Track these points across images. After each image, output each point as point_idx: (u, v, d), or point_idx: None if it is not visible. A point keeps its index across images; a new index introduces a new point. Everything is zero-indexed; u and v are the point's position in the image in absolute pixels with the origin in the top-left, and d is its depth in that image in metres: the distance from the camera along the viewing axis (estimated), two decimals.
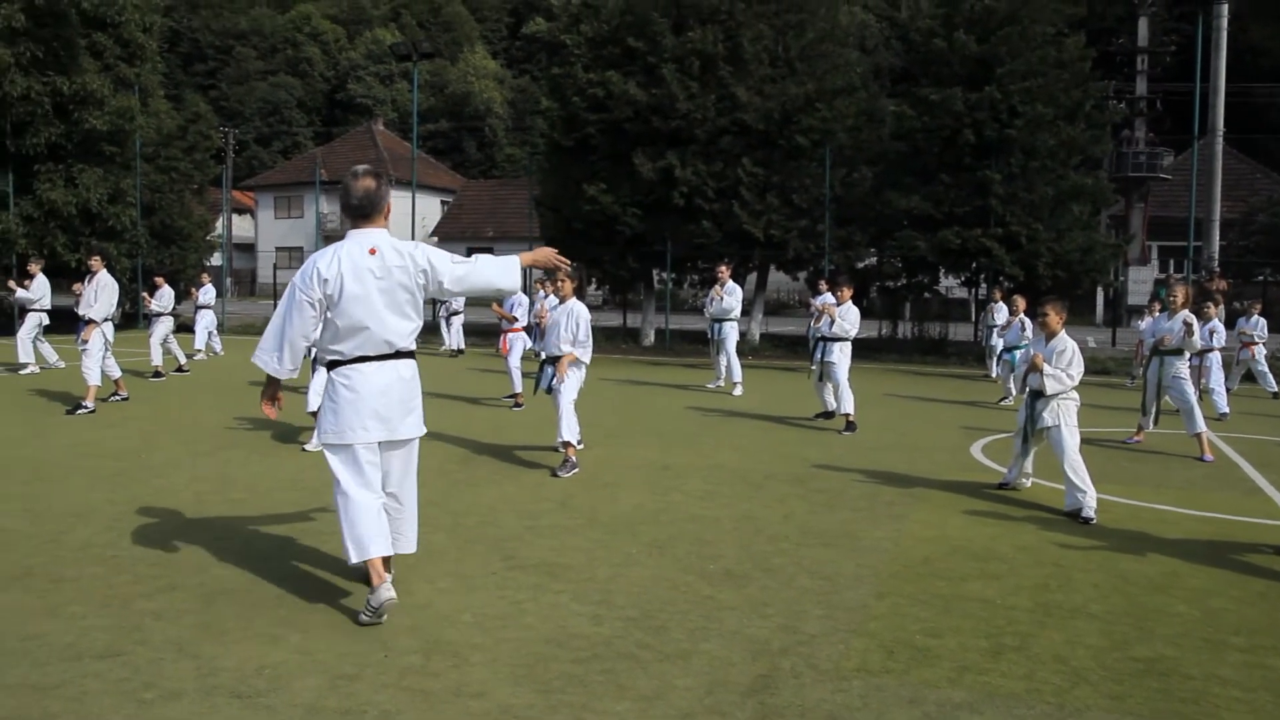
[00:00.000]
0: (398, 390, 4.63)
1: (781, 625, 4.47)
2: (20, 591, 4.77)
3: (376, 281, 4.53)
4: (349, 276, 4.51)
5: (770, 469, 8.24)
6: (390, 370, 4.62)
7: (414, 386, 4.75)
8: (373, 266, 4.54)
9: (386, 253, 4.58)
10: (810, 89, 20.67)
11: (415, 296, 4.65)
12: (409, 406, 4.69)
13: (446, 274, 4.66)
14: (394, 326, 4.59)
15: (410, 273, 4.59)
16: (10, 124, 22.18)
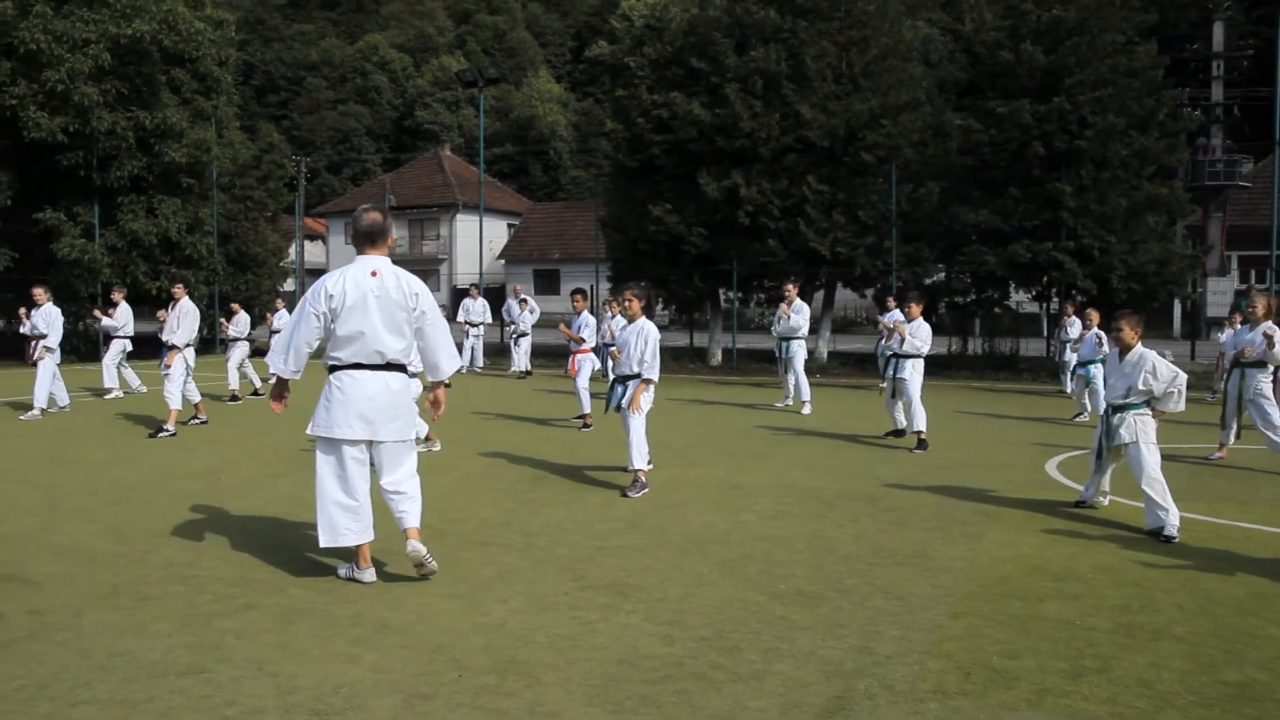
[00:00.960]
0: (385, 398, 5.31)
1: (855, 646, 4.43)
2: (108, 609, 4.91)
3: (375, 299, 5.26)
4: (351, 293, 5.24)
5: (841, 488, 8.17)
6: (379, 379, 5.31)
7: (402, 397, 5.39)
8: (372, 286, 5.27)
9: (386, 276, 5.33)
10: (875, 105, 20.55)
11: (408, 316, 5.35)
12: (394, 414, 5.34)
13: (426, 312, 5.40)
14: (386, 340, 5.30)
15: (405, 294, 5.32)
16: (97, 158, 22.99)
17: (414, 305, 5.35)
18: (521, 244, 53.95)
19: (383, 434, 5.31)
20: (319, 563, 5.77)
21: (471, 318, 21.04)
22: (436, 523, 6.79)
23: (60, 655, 4.28)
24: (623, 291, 8.26)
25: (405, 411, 5.40)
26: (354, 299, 5.23)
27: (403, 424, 5.38)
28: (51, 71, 21.44)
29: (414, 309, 5.35)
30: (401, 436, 5.39)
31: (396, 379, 5.36)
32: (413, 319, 5.36)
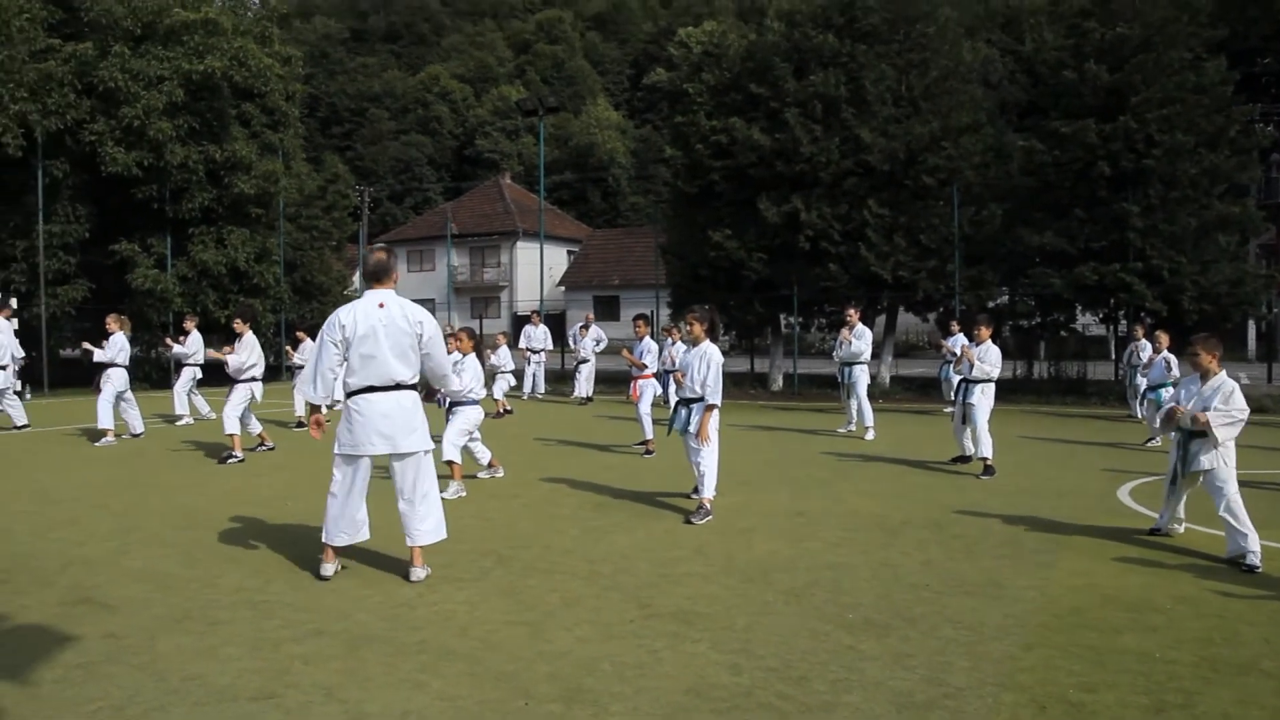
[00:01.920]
0: (399, 414, 5.93)
1: (926, 677, 4.35)
2: (181, 633, 5.00)
3: (383, 329, 5.89)
4: (361, 324, 5.90)
5: (907, 515, 8.06)
6: (392, 398, 5.93)
7: (414, 412, 6.00)
8: (380, 318, 5.91)
9: (392, 308, 5.95)
10: (935, 127, 20.39)
11: (413, 342, 5.97)
12: (411, 426, 5.96)
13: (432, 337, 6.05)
14: (394, 366, 5.93)
15: (409, 323, 5.94)
16: (169, 191, 23.63)
17: (419, 332, 5.98)
18: (581, 270, 54.25)
19: (402, 445, 5.94)
20: (385, 589, 5.82)
21: (533, 344, 21.17)
22: (501, 549, 6.82)
23: (136, 678, 4.36)
24: (685, 315, 8.24)
25: (421, 424, 6.01)
26: (364, 330, 5.88)
27: (420, 436, 5.99)
28: (128, 108, 22.12)
29: (420, 335, 5.98)
30: (420, 447, 6.00)
31: (408, 396, 5.98)
32: (419, 344, 6.00)
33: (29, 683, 4.32)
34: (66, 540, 7.21)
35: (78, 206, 23.13)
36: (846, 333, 13.68)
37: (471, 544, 6.99)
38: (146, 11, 23.69)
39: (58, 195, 22.77)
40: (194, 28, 23.66)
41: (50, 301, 22.04)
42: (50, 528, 7.70)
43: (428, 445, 6.07)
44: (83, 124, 22.24)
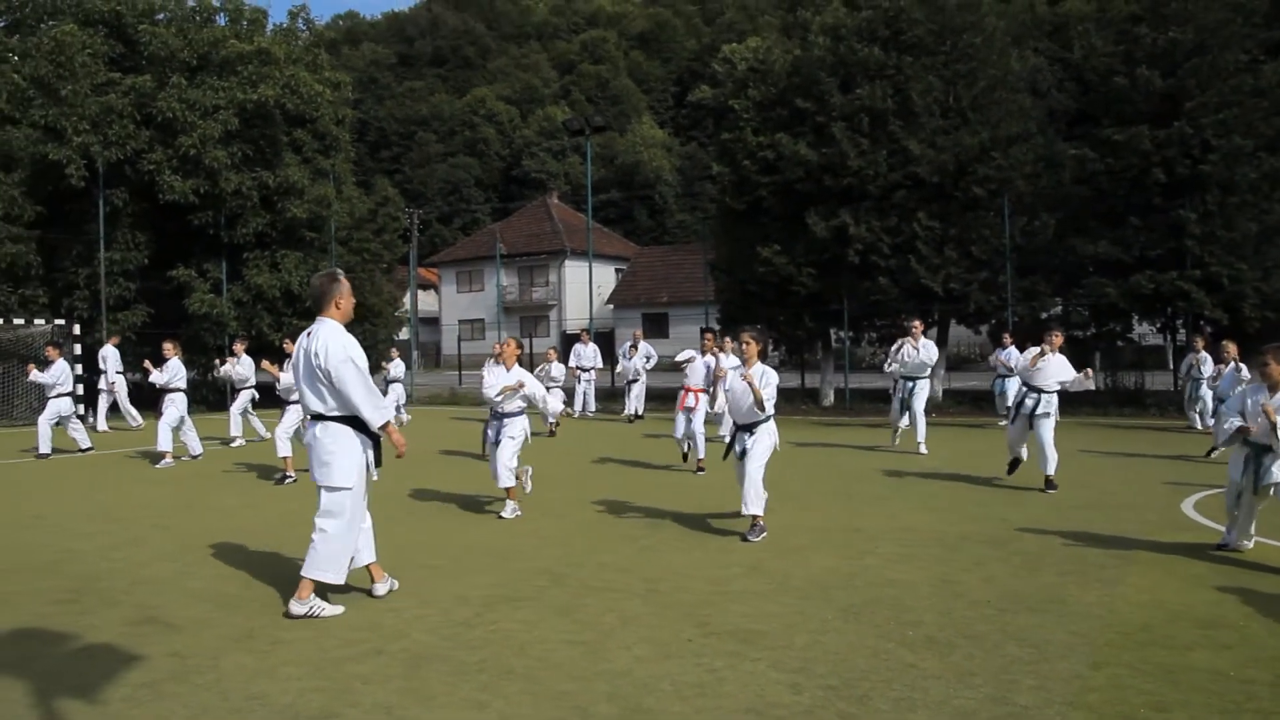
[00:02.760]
0: (315, 445, 5.85)
1: (991, 696, 4.27)
2: (243, 652, 5.06)
3: (303, 357, 5.82)
4: (295, 351, 5.95)
5: (965, 530, 7.95)
6: (312, 429, 5.87)
7: (326, 444, 5.80)
8: (306, 345, 5.82)
9: (313, 337, 5.79)
10: (984, 138, 20.19)
11: (320, 374, 5.73)
12: (321, 460, 5.81)
13: (331, 371, 5.69)
14: (308, 395, 5.83)
15: (313, 354, 5.74)
16: (224, 217, 24.08)
17: (319, 363, 5.70)
18: (629, 288, 54.37)
19: (316, 477, 5.87)
20: (443, 608, 5.84)
21: (583, 363, 21.22)
22: (556, 568, 6.82)
23: (201, 697, 4.42)
24: (740, 334, 8.16)
25: (336, 459, 5.79)
26: (295, 357, 5.95)
27: (330, 470, 5.79)
28: (184, 137, 22.59)
29: (319, 366, 5.71)
30: (325, 481, 5.82)
31: (325, 428, 5.81)
32: (324, 377, 5.73)
33: (98, 701, 4.39)
34: (131, 560, 7.33)
35: (137, 234, 23.64)
36: (912, 344, 13.45)
37: (527, 563, 7.00)
38: (202, 43, 24.25)
39: (118, 223, 23.31)
40: (248, 58, 24.17)
41: (111, 327, 22.50)
42: (115, 548, 7.84)
43: (339, 482, 5.80)
44: (141, 154, 22.75)
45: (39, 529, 8.80)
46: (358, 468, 5.83)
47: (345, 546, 5.84)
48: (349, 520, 5.83)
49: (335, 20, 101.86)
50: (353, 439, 5.82)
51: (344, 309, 5.95)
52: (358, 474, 5.83)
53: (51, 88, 22.26)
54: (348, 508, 5.81)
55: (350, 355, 5.72)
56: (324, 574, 5.77)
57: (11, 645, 5.25)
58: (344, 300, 5.94)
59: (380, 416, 5.79)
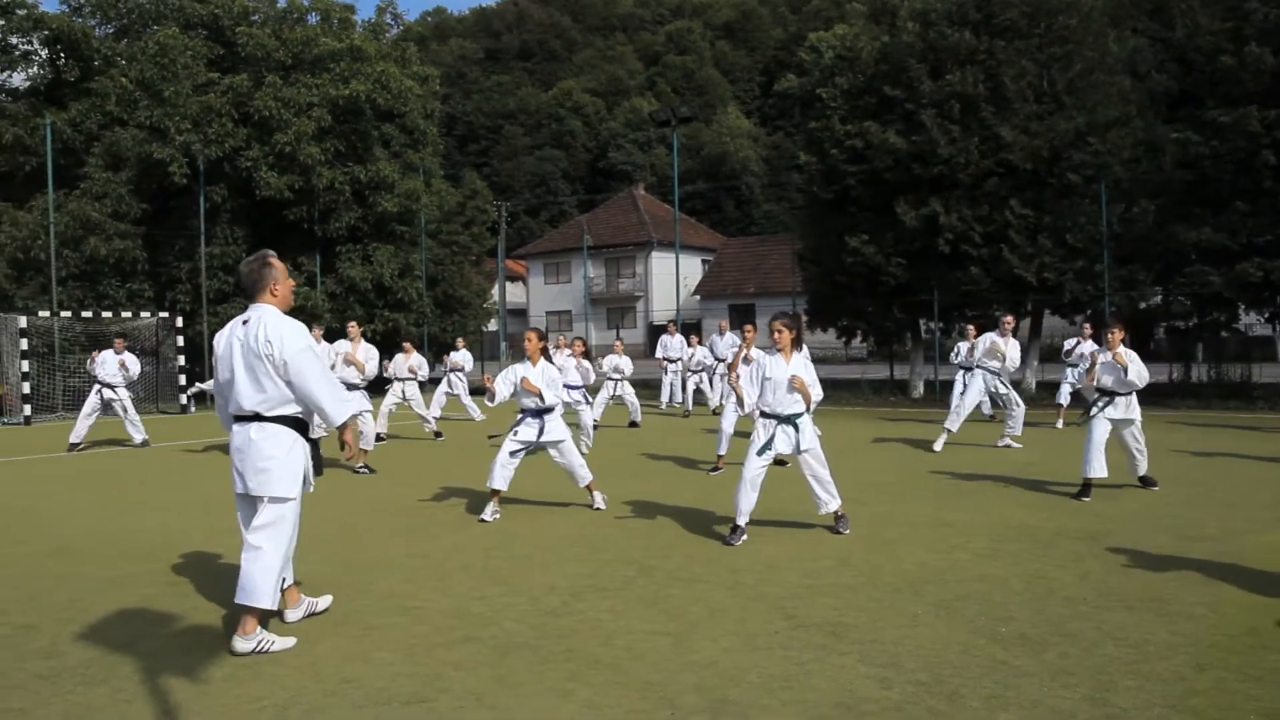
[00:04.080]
0: (248, 449, 5.07)
1: (1087, 696, 4.15)
2: (337, 637, 5.17)
3: (239, 348, 5.06)
4: (223, 342, 5.19)
5: (1059, 525, 7.75)
6: (243, 431, 5.10)
7: (263, 448, 5.05)
8: (240, 335, 5.08)
9: (252, 324, 5.06)
10: (1080, 123, 19.64)
11: (267, 366, 5.00)
12: (257, 466, 5.05)
13: (289, 361, 4.98)
14: (242, 390, 5.05)
15: (259, 342, 4.99)
16: (318, 211, 24.68)
17: (269, 353, 4.99)
18: (716, 279, 54.25)
19: (251, 487, 5.09)
20: (532, 596, 5.89)
21: (670, 354, 21.20)
22: (643, 559, 6.84)
23: (297, 679, 4.53)
24: (772, 322, 7.67)
25: (274, 464, 5.06)
26: (223, 349, 5.16)
27: (268, 478, 5.06)
28: (280, 134, 23.22)
29: (269, 355, 4.99)
30: (264, 491, 5.06)
31: (261, 429, 5.06)
32: (275, 370, 5.02)
33: (201, 680, 4.54)
34: (230, 546, 7.53)
35: (235, 229, 24.38)
36: (1000, 341, 12.93)
37: (614, 553, 7.04)
38: (296, 42, 24.89)
39: (217, 219, 24.05)
40: (339, 55, 24.74)
41: (211, 320, 23.23)
42: (215, 534, 8.09)
43: (281, 491, 5.08)
44: (239, 151, 23.44)
45: (142, 515, 9.13)
46: (298, 475, 5.16)
47: (278, 567, 5.08)
48: (288, 536, 5.14)
49: (423, 16, 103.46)
50: (294, 442, 5.14)
51: (281, 295, 5.24)
52: (299, 482, 5.18)
53: (156, 89, 23.07)
54: (288, 521, 5.13)
55: (309, 344, 5.09)
56: (258, 599, 4.97)
57: (120, 625, 5.46)
58: (280, 285, 5.24)
59: (344, 411, 5.17)
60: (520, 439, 8.62)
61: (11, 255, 22.13)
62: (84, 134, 23.89)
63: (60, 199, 22.56)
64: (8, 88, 26.35)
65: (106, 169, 23.15)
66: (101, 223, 22.31)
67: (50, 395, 21.20)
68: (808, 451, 7.50)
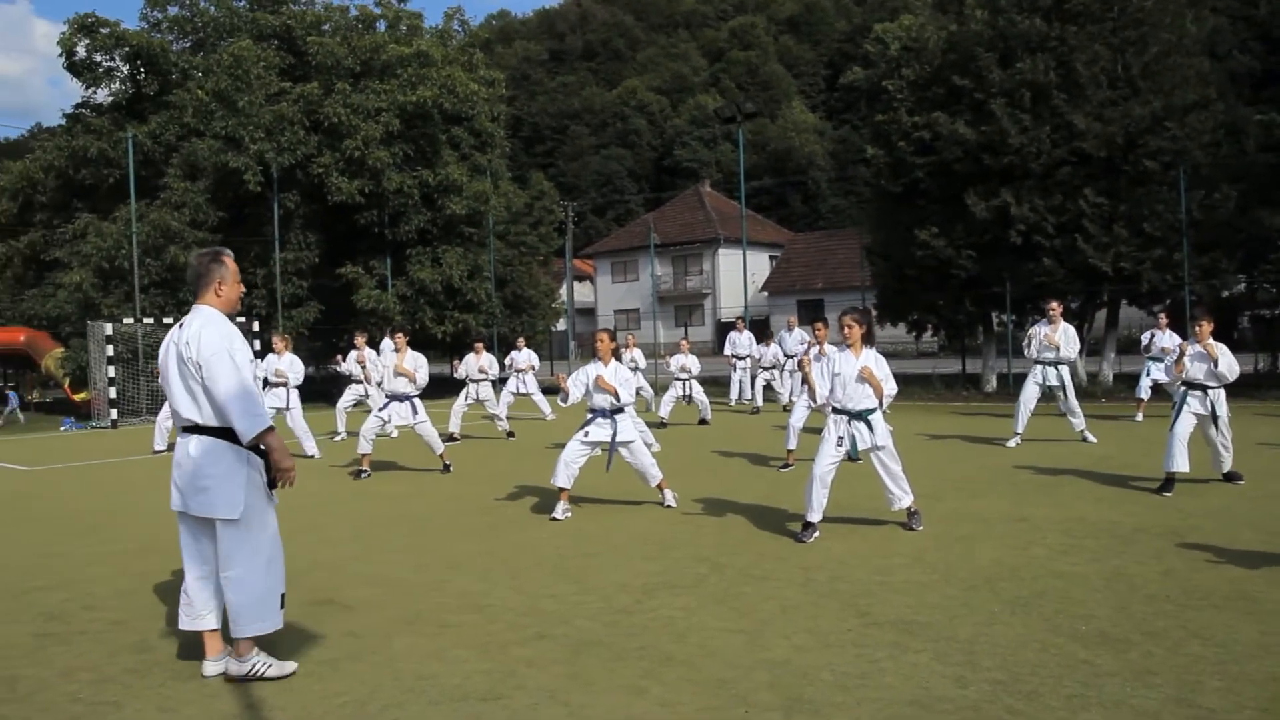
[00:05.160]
0: (187, 465, 4.62)
1: (1173, 697, 4.06)
2: (413, 634, 5.26)
3: (174, 353, 4.66)
4: (164, 348, 4.78)
5: (1140, 521, 7.57)
6: (183, 445, 4.67)
7: (202, 465, 4.57)
8: (176, 338, 4.70)
9: (187, 326, 4.67)
10: (1157, 107, 19.11)
11: (192, 371, 4.57)
12: (197, 485, 4.58)
13: (203, 365, 4.51)
14: (177, 400, 4.66)
15: (184, 344, 4.60)
16: (388, 215, 25.07)
17: (189, 355, 4.55)
18: (784, 275, 53.93)
19: (190, 506, 4.62)
20: (604, 595, 5.92)
21: (738, 351, 21.12)
22: (714, 556, 6.84)
23: (375, 675, 4.62)
24: (842, 317, 7.62)
25: (216, 483, 4.55)
26: (163, 355, 4.77)
27: (210, 498, 4.55)
28: (350, 140, 23.61)
29: (190, 359, 4.56)
30: (206, 512, 4.58)
31: (197, 444, 4.59)
32: (194, 373, 4.57)
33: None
34: (308, 544, 7.72)
35: (308, 234, 24.85)
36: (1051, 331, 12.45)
37: (685, 551, 7.05)
38: (364, 49, 25.30)
39: (290, 225, 24.54)
40: (407, 61, 25.09)
41: (286, 323, 23.71)
42: (292, 533, 8.22)
43: (224, 512, 4.56)
44: (311, 158, 23.89)
45: None
46: (245, 490, 4.58)
47: (268, 587, 4.64)
48: (265, 556, 4.64)
49: (488, 20, 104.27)
50: (235, 457, 4.58)
51: (226, 296, 4.79)
52: (246, 498, 4.59)
53: (230, 100, 23.60)
54: (254, 539, 4.60)
55: (228, 347, 4.55)
56: (254, 628, 4.61)
57: None
58: (227, 286, 4.78)
59: (254, 426, 4.48)
60: (591, 439, 8.66)
61: (97, 265, 22.82)
62: (163, 146, 24.54)
63: (142, 209, 23.21)
64: (92, 103, 27.20)
65: (184, 179, 23.75)
66: (181, 231, 22.90)
67: (135, 399, 21.84)
68: (880, 448, 7.43)
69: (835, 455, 7.38)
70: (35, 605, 5.97)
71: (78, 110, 27.25)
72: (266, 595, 4.63)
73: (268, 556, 4.64)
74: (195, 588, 4.71)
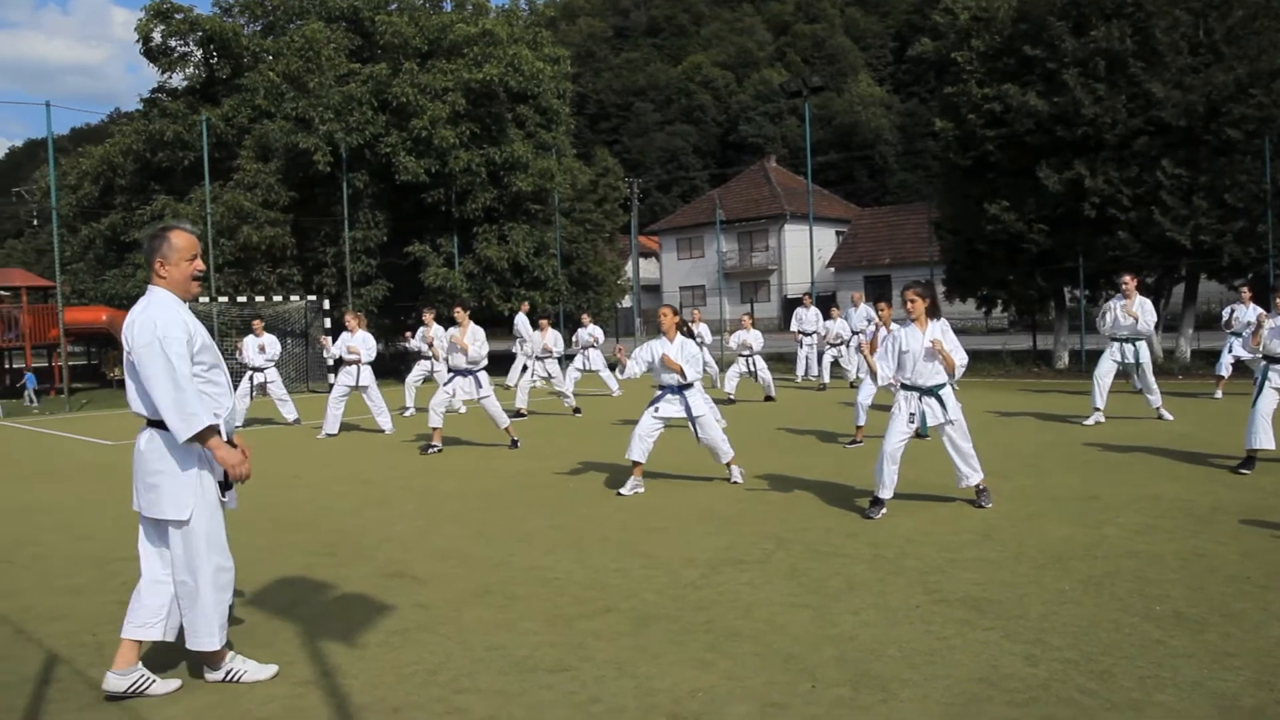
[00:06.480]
0: (138, 460, 4.25)
1: (1253, 680, 3.96)
2: (483, 606, 5.34)
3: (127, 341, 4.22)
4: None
5: (1218, 500, 7.39)
6: (138, 439, 4.28)
7: (150, 462, 4.20)
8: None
9: (133, 310, 4.25)
10: (1241, 74, 18.46)
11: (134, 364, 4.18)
12: (146, 483, 4.21)
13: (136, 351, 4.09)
14: (129, 388, 4.29)
15: (126, 336, 4.18)
16: (455, 194, 25.28)
17: (128, 345, 4.15)
18: (851, 251, 53.37)
19: (142, 506, 4.27)
20: (670, 569, 5.95)
21: (805, 327, 20.98)
22: (781, 532, 6.83)
23: (445, 646, 4.70)
24: (904, 290, 7.45)
25: (164, 481, 4.18)
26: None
27: (158, 497, 4.18)
28: (416, 120, 23.83)
29: (128, 350, 4.16)
30: (155, 514, 4.21)
31: (147, 438, 4.22)
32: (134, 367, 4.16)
33: (357, 645, 4.76)
34: (379, 519, 7.88)
35: (376, 213, 25.18)
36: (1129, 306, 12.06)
37: (752, 526, 7.05)
38: (431, 29, 25.49)
39: (359, 204, 24.88)
40: (473, 40, 25.22)
41: (355, 301, 24.09)
42: (365, 507, 8.45)
43: (170, 513, 4.17)
44: (379, 138, 24.16)
45: (298, 488, 9.58)
46: (196, 491, 4.20)
47: (215, 600, 4.25)
48: (215, 565, 4.24)
49: None
50: (185, 454, 4.17)
51: (172, 276, 4.27)
52: (196, 500, 4.20)
53: (301, 81, 23.97)
54: (201, 547, 4.20)
55: (161, 336, 4.07)
56: (205, 642, 4.24)
57: (280, 592, 5.77)
58: (171, 265, 4.25)
59: (188, 426, 4.01)
60: (662, 414, 8.67)
61: None
62: (236, 128, 25.02)
63: (216, 190, 23.71)
64: (168, 88, 27.82)
65: (256, 160, 24.19)
66: (253, 212, 23.36)
67: None
68: (951, 424, 7.34)
69: (905, 432, 7.31)
70: (119, 575, 6.17)
71: (154, 95, 27.93)
72: (214, 608, 4.24)
73: (217, 565, 4.25)
74: (148, 592, 4.28)
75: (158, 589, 4.28)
